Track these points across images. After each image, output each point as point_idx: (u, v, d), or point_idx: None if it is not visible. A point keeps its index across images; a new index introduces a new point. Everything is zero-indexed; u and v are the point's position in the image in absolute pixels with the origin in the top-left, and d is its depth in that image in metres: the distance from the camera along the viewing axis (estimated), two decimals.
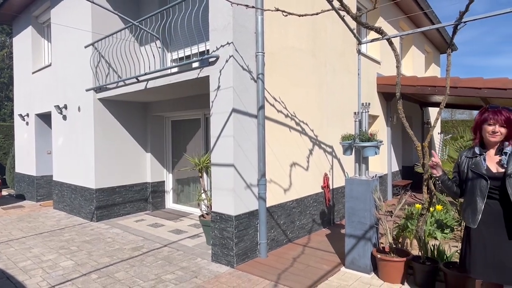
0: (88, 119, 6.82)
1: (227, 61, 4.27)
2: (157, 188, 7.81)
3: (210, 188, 4.84)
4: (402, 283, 3.81)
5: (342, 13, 3.99)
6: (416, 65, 11.39)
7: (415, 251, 4.25)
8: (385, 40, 4.26)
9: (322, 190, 6.13)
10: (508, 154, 2.48)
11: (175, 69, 5.41)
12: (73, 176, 7.46)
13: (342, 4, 3.72)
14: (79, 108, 7.09)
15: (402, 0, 8.85)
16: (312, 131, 5.87)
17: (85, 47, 6.72)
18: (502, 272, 2.43)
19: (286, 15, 4.05)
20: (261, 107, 4.56)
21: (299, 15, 4.10)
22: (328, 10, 4.00)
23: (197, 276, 4.10)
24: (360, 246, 4.11)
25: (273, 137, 4.97)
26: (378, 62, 8.49)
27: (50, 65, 8.32)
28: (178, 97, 6.83)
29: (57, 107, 7.67)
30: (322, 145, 6.15)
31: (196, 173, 5.43)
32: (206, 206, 5.38)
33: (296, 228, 5.45)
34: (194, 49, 5.36)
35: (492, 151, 2.59)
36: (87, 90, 6.79)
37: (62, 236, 5.84)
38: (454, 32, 4.00)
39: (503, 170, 2.44)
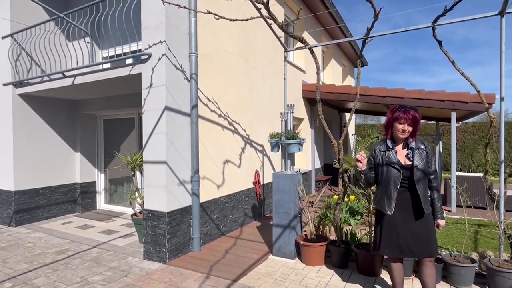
0: (5, 116, 5.88)
1: (159, 59, 4.04)
2: (88, 189, 7.07)
3: (144, 187, 4.52)
4: (322, 264, 3.99)
5: (270, 21, 4.07)
6: (335, 76, 12.24)
7: (333, 236, 4.50)
8: (308, 50, 4.46)
9: (254, 186, 6.18)
10: (413, 149, 2.74)
11: (106, 65, 4.95)
12: None
13: (269, 12, 3.78)
14: None
15: (322, 18, 9.43)
16: (244, 130, 5.89)
17: (3, 38, 5.80)
18: (409, 248, 2.70)
19: (218, 19, 3.98)
20: (195, 106, 4.40)
21: (230, 20, 4.07)
22: (257, 17, 4.03)
23: (127, 275, 3.77)
24: (286, 235, 4.21)
25: (207, 136, 4.85)
26: (303, 71, 8.90)
27: None
28: (111, 96, 6.28)
29: None
30: (254, 144, 6.21)
31: (131, 172, 5.04)
32: (139, 204, 5.02)
33: (229, 221, 5.39)
34: (127, 48, 4.99)
35: (400, 146, 2.81)
36: (4, 85, 5.86)
37: None
38: (363, 46, 4.34)
39: (410, 163, 2.71)
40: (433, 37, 3.91)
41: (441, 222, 2.79)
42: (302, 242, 4.04)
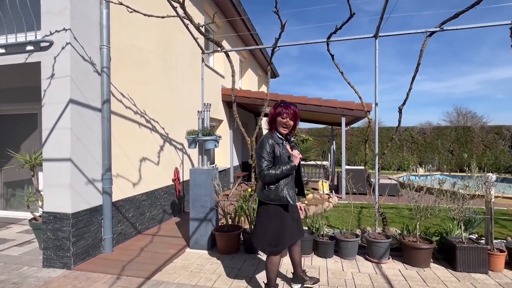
0: None
1: (63, 48, 3.38)
2: None
3: (44, 187, 3.73)
4: (236, 252, 3.91)
5: (187, 22, 3.82)
6: (251, 84, 12.51)
7: (247, 226, 4.47)
8: (226, 57, 4.36)
9: (173, 183, 5.77)
10: (293, 142, 2.74)
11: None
12: None
13: (185, 12, 3.54)
14: None
15: (240, 30, 9.51)
16: (163, 128, 5.45)
17: None
18: (292, 234, 2.61)
19: (131, 12, 3.56)
20: (107, 101, 3.84)
21: (145, 15, 3.69)
22: (173, 16, 3.75)
23: (20, 287, 3.03)
24: (202, 227, 4.00)
25: (122, 133, 4.30)
26: (223, 76, 8.81)
27: None
28: (6, 87, 5.09)
29: None
30: (173, 142, 5.81)
31: (30, 173, 4.10)
32: (40, 207, 4.14)
33: (146, 219, 4.89)
34: (32, 36, 4.09)
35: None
36: None
37: None
38: (272, 53, 4.46)
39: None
40: (328, 51, 4.25)
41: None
42: (217, 233, 3.89)
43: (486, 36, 42.52)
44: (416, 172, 10.82)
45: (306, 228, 4.28)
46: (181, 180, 6.05)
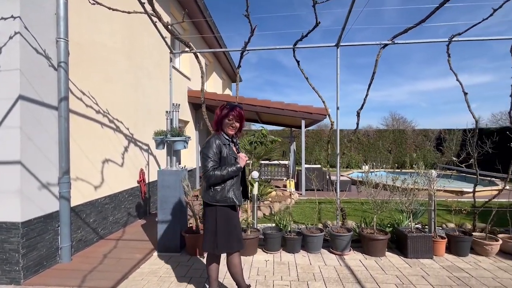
0: None
1: (11, 37, 2.83)
2: None
3: None
4: (206, 253, 3.65)
5: (155, 19, 3.48)
6: (216, 87, 12.19)
7: None
8: (193, 60, 4.08)
9: (138, 184, 5.28)
10: (238, 144, 2.56)
11: None
12: None
13: (153, 9, 3.21)
14: None
15: (207, 37, 9.18)
16: (128, 129, 4.96)
17: None
18: (238, 237, 2.39)
19: (94, 4, 3.13)
20: (64, 99, 3.32)
21: (109, 8, 3.27)
22: (140, 12, 3.38)
23: None
24: (171, 229, 3.68)
25: (82, 133, 3.78)
26: (189, 78, 8.39)
27: None
28: None
29: None
30: (138, 143, 5.32)
31: None
32: None
33: (109, 223, 4.38)
34: None
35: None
36: None
37: None
38: (241, 57, 4.28)
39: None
40: (294, 57, 4.21)
41: None
42: (186, 234, 3.61)
43: (413, 54, 47.30)
44: (364, 169, 11.50)
45: (274, 225, 4.19)
46: (146, 182, 5.57)
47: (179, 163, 3.96)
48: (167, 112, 3.88)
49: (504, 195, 4.05)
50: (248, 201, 4.00)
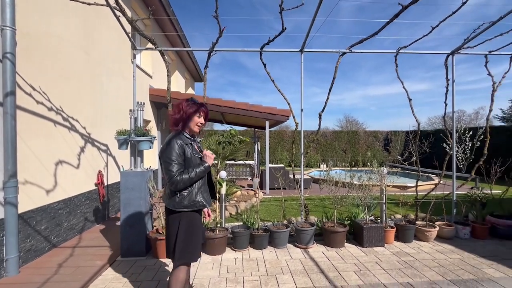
0: None
1: None
2: None
3: None
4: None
5: (118, 13, 3.30)
6: (179, 86, 11.82)
7: None
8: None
9: (96, 187, 4.92)
10: (200, 142, 2.40)
11: None
12: None
13: (117, 2, 3.05)
14: None
15: (171, 36, 8.87)
16: (85, 128, 4.59)
17: None
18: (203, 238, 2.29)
19: None
20: (11, 94, 2.97)
21: None
22: (103, 5, 3.19)
23: None
24: (136, 233, 3.51)
25: (32, 132, 3.41)
26: (150, 76, 8.02)
27: None
28: None
29: None
30: (96, 143, 4.95)
31: None
32: None
33: (64, 230, 4.01)
34: None
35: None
36: None
37: None
38: (208, 57, 4.26)
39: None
40: (260, 60, 4.32)
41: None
42: (152, 236, 3.48)
43: (364, 62, 51.36)
44: (321, 168, 12.14)
45: (242, 223, 4.24)
46: (105, 184, 5.20)
47: (143, 163, 3.80)
48: (130, 110, 3.69)
49: (439, 188, 4.65)
50: (216, 201, 3.99)
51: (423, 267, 3.20)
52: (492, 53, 4.45)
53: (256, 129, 11.89)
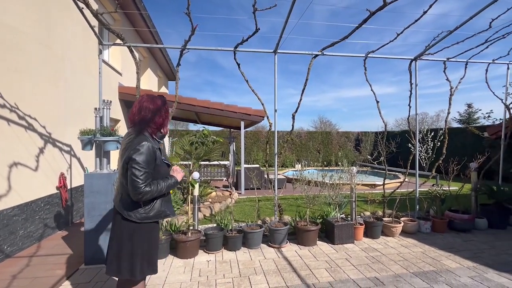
0: None
1: None
2: None
3: None
4: None
5: (82, 5, 3.09)
6: (151, 85, 11.40)
7: None
8: (127, 55, 3.76)
9: (58, 191, 4.57)
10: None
11: None
12: None
13: None
14: None
15: (142, 33, 8.52)
16: (44, 127, 4.25)
17: None
18: None
19: None
20: None
21: None
22: None
23: None
24: (102, 239, 3.31)
25: None
26: (120, 73, 7.65)
27: None
28: None
29: None
30: (58, 143, 4.60)
31: None
32: None
33: (20, 238, 3.68)
34: None
35: None
36: None
37: None
38: (181, 55, 4.14)
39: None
40: (234, 60, 4.28)
41: None
42: None
43: (336, 65, 53.29)
44: (296, 167, 12.36)
45: (215, 225, 4.17)
46: (68, 187, 4.86)
47: (110, 164, 3.59)
48: (96, 109, 3.48)
49: (404, 186, 4.91)
50: (189, 202, 3.88)
51: (389, 262, 3.35)
52: (450, 59, 4.80)
53: (231, 130, 11.81)
